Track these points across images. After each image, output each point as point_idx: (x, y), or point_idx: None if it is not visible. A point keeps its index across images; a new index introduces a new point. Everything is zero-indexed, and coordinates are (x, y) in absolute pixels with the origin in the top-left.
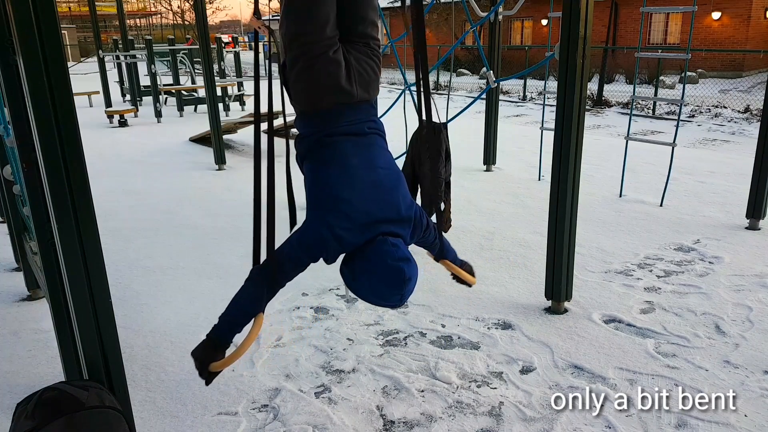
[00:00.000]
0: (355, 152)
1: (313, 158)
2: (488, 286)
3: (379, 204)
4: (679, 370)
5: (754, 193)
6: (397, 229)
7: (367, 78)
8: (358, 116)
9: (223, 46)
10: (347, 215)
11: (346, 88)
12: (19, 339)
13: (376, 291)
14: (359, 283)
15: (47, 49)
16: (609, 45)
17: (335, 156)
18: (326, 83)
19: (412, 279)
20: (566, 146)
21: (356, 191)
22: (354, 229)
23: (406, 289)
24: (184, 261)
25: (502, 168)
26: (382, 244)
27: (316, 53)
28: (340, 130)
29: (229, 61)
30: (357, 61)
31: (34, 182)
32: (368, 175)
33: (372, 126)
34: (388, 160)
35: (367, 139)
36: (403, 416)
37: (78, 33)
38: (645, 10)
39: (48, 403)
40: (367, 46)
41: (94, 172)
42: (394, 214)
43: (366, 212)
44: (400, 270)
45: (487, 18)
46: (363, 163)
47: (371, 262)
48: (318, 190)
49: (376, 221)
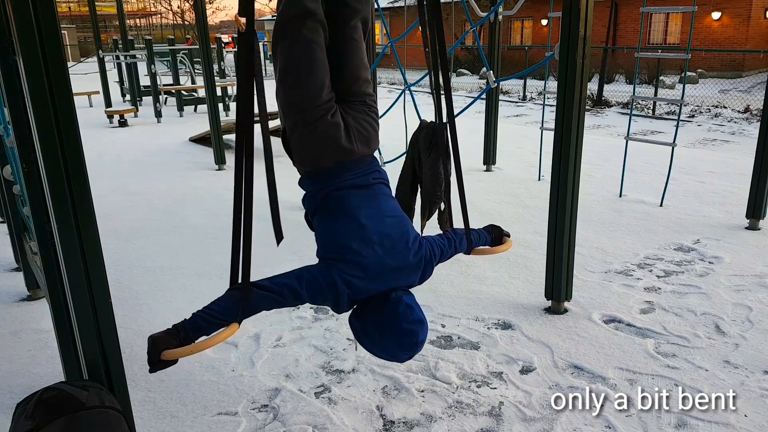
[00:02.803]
0: (362, 204)
1: (323, 212)
2: (488, 286)
3: (390, 253)
4: (679, 370)
5: (754, 193)
6: (408, 278)
7: (366, 135)
8: (362, 168)
9: (223, 46)
10: (359, 265)
11: (347, 147)
12: (19, 339)
13: (387, 350)
14: (371, 340)
15: (47, 49)
16: (609, 45)
17: (343, 209)
18: (327, 146)
19: (423, 342)
20: (566, 146)
21: (366, 243)
22: (366, 278)
23: (417, 351)
24: (184, 261)
25: (502, 168)
26: (397, 305)
27: (315, 118)
28: (346, 184)
29: (229, 61)
30: (355, 120)
31: (34, 182)
32: (377, 226)
33: (376, 176)
34: (393, 208)
35: (372, 190)
36: (403, 416)
37: (78, 33)
38: (645, 10)
39: (48, 403)
40: (364, 103)
41: (94, 172)
42: (404, 262)
43: (377, 263)
44: (413, 333)
45: (487, 18)
46: (371, 213)
47: (385, 321)
48: (329, 241)
49: (388, 270)
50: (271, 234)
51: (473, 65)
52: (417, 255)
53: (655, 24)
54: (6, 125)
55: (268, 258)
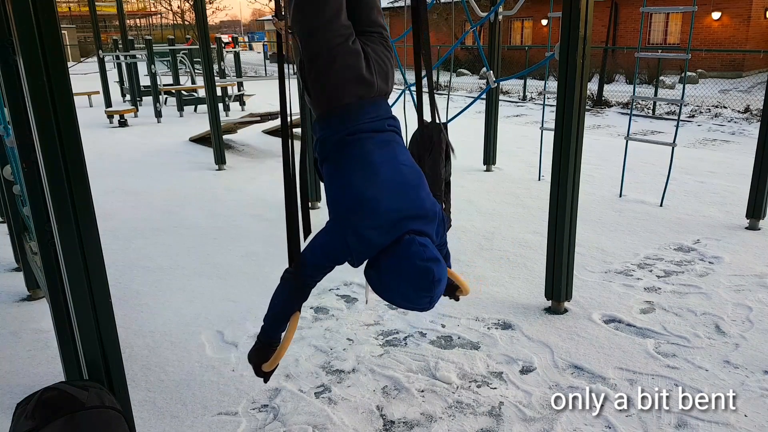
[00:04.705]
0: (378, 150)
1: (335, 159)
2: (488, 286)
3: (406, 200)
4: (679, 370)
5: (754, 193)
6: (424, 227)
7: (385, 68)
8: (378, 112)
9: (223, 46)
10: (374, 213)
11: (368, 79)
12: (19, 339)
13: (404, 293)
14: (385, 285)
15: (47, 49)
16: (609, 45)
17: (358, 155)
18: (348, 75)
19: (441, 281)
20: (566, 146)
21: (382, 188)
22: (381, 228)
23: (436, 292)
24: (184, 261)
25: (502, 168)
26: (410, 245)
27: (336, 44)
28: (362, 127)
29: (229, 61)
30: (374, 52)
31: (34, 182)
32: (392, 172)
33: (391, 123)
34: (409, 158)
35: (388, 136)
36: (403, 416)
37: (78, 33)
38: (645, 10)
39: (48, 403)
40: (380, 35)
41: (94, 172)
42: (420, 210)
43: (393, 209)
44: (428, 270)
45: (487, 18)
46: (386, 160)
47: (398, 262)
48: (341, 193)
49: (404, 218)
50: (275, 233)
51: (473, 65)
52: (434, 204)
53: (655, 24)
54: (6, 125)
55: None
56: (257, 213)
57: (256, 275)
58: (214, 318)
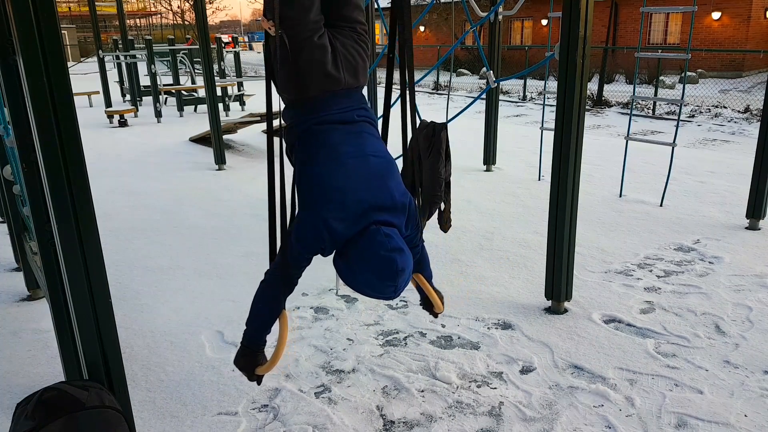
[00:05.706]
0: (345, 140)
1: (303, 149)
2: (488, 286)
3: (372, 191)
4: (679, 370)
5: (754, 193)
6: (391, 218)
7: (354, 63)
8: (347, 103)
9: (223, 46)
10: (340, 204)
11: (333, 74)
12: (19, 339)
13: (369, 282)
14: (351, 274)
15: (47, 49)
16: (609, 45)
17: (325, 145)
18: (313, 69)
19: (405, 270)
20: (566, 146)
21: (347, 180)
22: (347, 219)
23: (400, 281)
24: (184, 261)
25: (502, 168)
26: (375, 234)
27: (303, 38)
28: (329, 118)
29: (229, 61)
30: (343, 47)
31: (34, 182)
32: (359, 163)
33: (361, 114)
34: (378, 148)
35: (357, 127)
36: (403, 416)
37: (78, 33)
38: (645, 10)
39: (48, 403)
40: (354, 30)
41: (94, 172)
42: (387, 202)
43: (359, 200)
44: (392, 261)
45: (487, 18)
46: (353, 151)
47: (363, 252)
48: (309, 184)
49: (369, 209)
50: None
51: (473, 65)
52: (403, 197)
53: (655, 24)
54: (6, 125)
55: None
56: (257, 213)
57: (256, 275)
58: (214, 318)
